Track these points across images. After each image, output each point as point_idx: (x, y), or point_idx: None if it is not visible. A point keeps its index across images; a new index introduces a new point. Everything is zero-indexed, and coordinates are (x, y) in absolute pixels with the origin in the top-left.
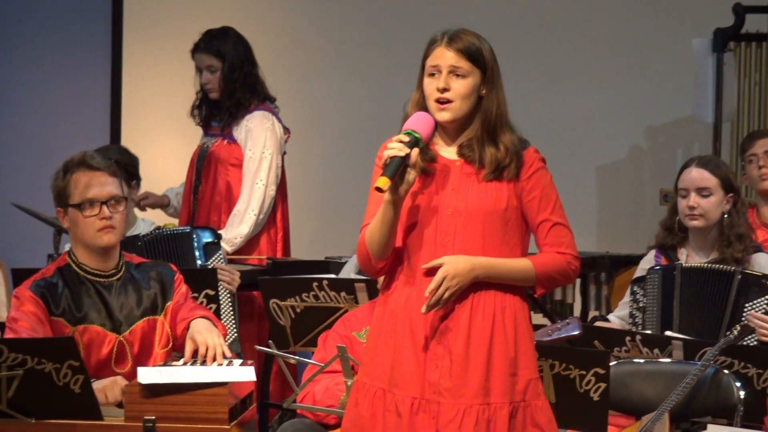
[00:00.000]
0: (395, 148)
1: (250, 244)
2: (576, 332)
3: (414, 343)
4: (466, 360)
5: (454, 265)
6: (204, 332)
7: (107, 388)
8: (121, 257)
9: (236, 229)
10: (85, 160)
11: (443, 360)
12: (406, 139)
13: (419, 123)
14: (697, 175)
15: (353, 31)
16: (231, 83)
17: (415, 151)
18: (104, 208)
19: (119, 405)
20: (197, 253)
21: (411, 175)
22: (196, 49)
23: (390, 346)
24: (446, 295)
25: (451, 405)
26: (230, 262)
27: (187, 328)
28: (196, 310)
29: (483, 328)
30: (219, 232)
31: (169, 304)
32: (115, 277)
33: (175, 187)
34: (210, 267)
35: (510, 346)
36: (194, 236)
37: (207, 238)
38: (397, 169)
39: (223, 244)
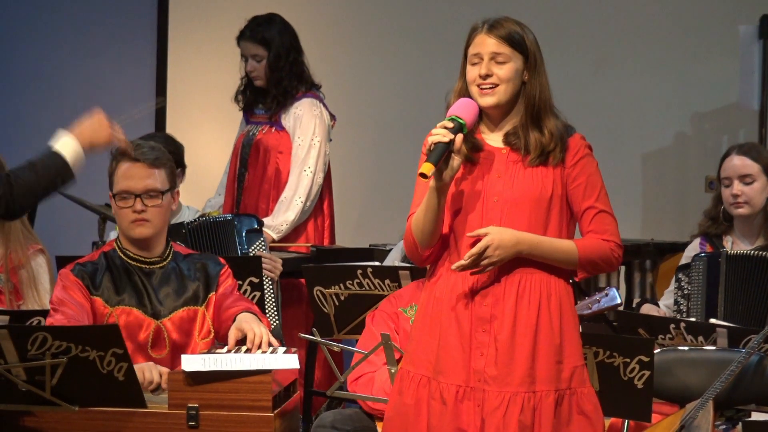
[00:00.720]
0: (439, 134)
1: (297, 231)
2: (617, 302)
3: (459, 331)
4: (511, 348)
5: (500, 236)
6: (251, 321)
7: (144, 368)
8: (169, 247)
9: (282, 216)
10: (128, 150)
11: (489, 348)
12: (450, 125)
13: (463, 109)
14: (739, 162)
15: (395, 20)
16: (277, 72)
17: (460, 136)
18: (138, 201)
19: (154, 390)
20: (239, 240)
21: (455, 161)
22: (242, 37)
23: (435, 333)
24: (484, 263)
25: (497, 393)
26: (273, 249)
27: (233, 320)
28: (240, 302)
29: (528, 316)
30: (261, 219)
31: (212, 295)
32: (158, 265)
33: (213, 198)
34: (252, 254)
35: (555, 334)
36: (236, 223)
37: (249, 225)
38: (441, 154)
39: (269, 230)
